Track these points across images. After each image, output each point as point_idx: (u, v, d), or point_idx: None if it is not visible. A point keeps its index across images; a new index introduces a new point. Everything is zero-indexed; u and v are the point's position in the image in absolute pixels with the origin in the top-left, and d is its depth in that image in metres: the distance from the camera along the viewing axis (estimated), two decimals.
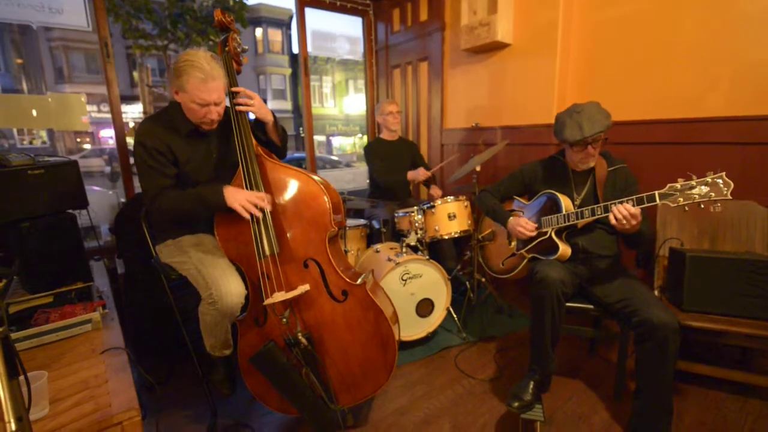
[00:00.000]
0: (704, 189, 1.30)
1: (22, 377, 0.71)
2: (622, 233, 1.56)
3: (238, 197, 1.41)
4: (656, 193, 1.38)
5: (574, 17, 2.36)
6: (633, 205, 1.42)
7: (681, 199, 1.33)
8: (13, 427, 0.61)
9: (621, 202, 1.45)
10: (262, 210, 1.42)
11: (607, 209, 1.51)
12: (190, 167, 1.53)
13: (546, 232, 1.74)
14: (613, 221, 1.47)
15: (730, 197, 1.25)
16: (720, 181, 1.28)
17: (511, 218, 1.86)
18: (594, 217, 1.57)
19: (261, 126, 1.62)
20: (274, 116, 1.63)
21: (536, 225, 1.79)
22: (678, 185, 1.34)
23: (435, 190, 2.81)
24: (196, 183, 1.54)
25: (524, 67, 2.56)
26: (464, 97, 3.05)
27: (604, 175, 1.71)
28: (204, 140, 1.58)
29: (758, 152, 1.80)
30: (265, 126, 1.62)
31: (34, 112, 2.37)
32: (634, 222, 1.43)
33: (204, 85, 1.40)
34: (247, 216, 1.40)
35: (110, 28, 2.43)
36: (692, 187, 1.32)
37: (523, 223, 1.79)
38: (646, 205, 1.40)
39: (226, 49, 1.57)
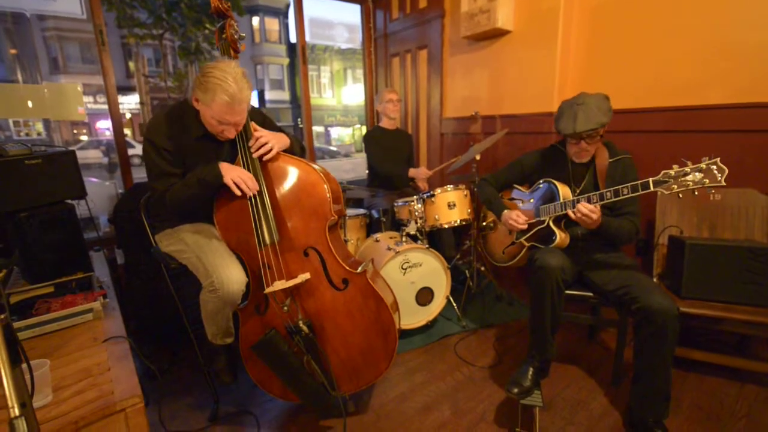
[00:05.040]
0: (698, 175, 1.29)
1: (24, 365, 0.71)
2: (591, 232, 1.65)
3: (232, 173, 1.41)
4: (650, 180, 1.37)
5: (575, 3, 2.33)
6: (628, 193, 1.42)
7: (675, 186, 1.32)
8: (17, 412, 0.61)
9: (617, 189, 1.46)
10: (260, 197, 1.42)
11: (603, 197, 1.50)
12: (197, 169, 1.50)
13: (544, 221, 1.74)
14: (572, 217, 1.57)
15: (724, 183, 1.24)
16: (714, 167, 1.26)
17: (505, 211, 1.87)
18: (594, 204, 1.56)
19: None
20: (291, 139, 1.62)
21: (528, 218, 1.80)
22: (672, 172, 1.33)
23: (422, 183, 2.92)
24: None
25: (525, 55, 2.53)
26: (464, 86, 3.02)
27: (605, 166, 1.69)
28: (214, 145, 1.53)
29: (758, 140, 1.79)
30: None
31: (30, 103, 2.35)
32: (594, 217, 1.51)
33: (230, 108, 1.36)
34: (238, 192, 1.40)
35: (104, 17, 2.39)
36: (686, 174, 1.31)
37: (515, 216, 1.81)
38: (641, 192, 1.40)
39: (224, 36, 1.55)
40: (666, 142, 2.07)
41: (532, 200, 1.84)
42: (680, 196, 1.33)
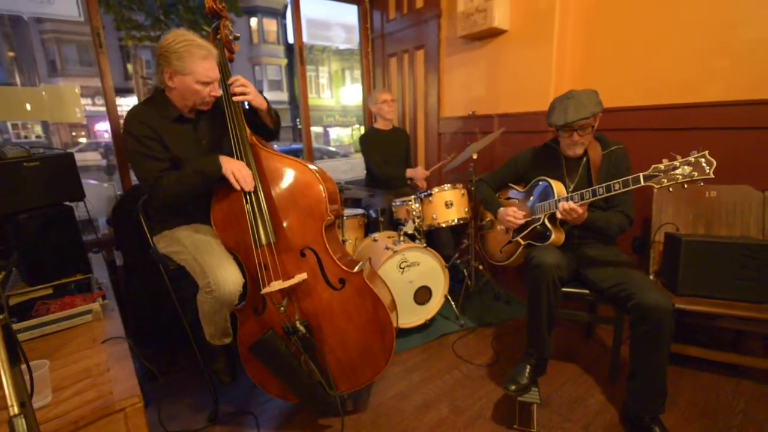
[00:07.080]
0: (687, 169, 1.30)
1: (24, 366, 0.72)
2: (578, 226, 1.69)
3: (232, 165, 1.43)
4: (641, 175, 1.39)
5: (571, 1, 2.34)
6: (620, 188, 1.44)
7: (665, 180, 1.33)
8: (16, 410, 0.62)
9: (609, 185, 1.47)
10: (256, 196, 1.43)
11: (595, 193, 1.52)
12: (180, 153, 1.52)
13: (539, 219, 1.75)
14: (558, 216, 1.61)
15: (712, 176, 1.26)
16: (703, 159, 1.28)
17: (501, 209, 1.89)
18: (583, 201, 1.57)
19: (255, 112, 1.63)
20: (268, 102, 1.65)
21: (524, 214, 1.81)
22: (662, 166, 1.35)
23: (420, 182, 2.91)
24: None
25: (521, 54, 2.54)
26: (461, 86, 3.03)
27: (598, 159, 1.71)
28: (191, 125, 1.58)
29: (752, 136, 1.80)
30: (259, 113, 1.63)
31: (28, 105, 2.35)
32: (575, 215, 1.56)
33: (208, 62, 1.43)
34: (237, 186, 1.42)
35: (102, 19, 2.39)
36: (675, 168, 1.32)
37: (511, 213, 1.82)
38: (632, 187, 1.41)
39: (218, 36, 1.56)
40: (662, 139, 2.08)
41: (528, 198, 1.86)
42: (670, 189, 1.34)
